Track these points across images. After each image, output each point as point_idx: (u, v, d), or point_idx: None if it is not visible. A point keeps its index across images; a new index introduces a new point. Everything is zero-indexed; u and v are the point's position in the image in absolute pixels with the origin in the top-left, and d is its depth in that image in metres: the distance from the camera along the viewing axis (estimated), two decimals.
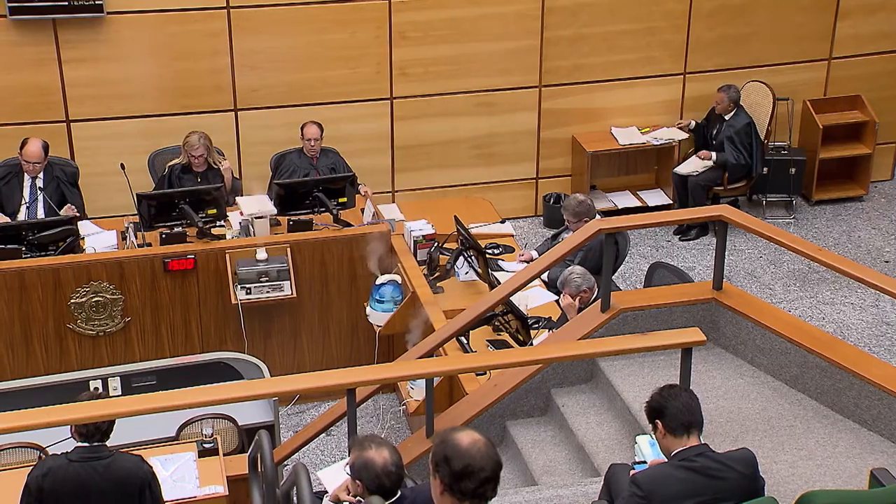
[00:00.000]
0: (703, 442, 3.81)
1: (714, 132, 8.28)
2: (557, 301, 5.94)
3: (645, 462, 4.19)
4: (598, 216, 6.39)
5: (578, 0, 8.05)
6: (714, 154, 8.20)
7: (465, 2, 7.86)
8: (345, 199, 6.73)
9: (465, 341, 5.68)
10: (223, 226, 6.62)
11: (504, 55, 8.06)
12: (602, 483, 4.19)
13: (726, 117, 8.21)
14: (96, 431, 4.20)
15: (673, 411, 3.77)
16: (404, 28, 7.84)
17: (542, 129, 8.37)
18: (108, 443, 4.28)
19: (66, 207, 6.74)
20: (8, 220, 6.63)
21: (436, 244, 6.59)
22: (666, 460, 3.85)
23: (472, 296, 6.18)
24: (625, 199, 8.51)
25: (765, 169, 8.37)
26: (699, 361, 5.02)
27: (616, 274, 6.60)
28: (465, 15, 7.89)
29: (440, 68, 7.99)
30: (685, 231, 8.28)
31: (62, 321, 6.21)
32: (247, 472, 4.59)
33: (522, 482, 4.99)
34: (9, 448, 4.95)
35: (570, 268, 5.78)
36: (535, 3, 7.98)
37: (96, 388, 5.72)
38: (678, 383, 4.38)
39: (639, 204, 8.47)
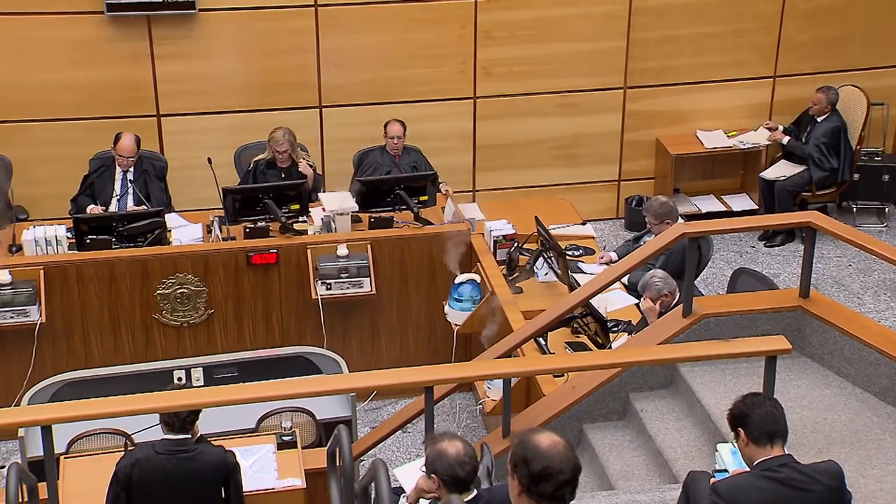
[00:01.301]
0: (787, 452, 3.73)
1: (805, 135, 8.10)
2: (637, 304, 5.88)
3: (726, 470, 4.12)
4: (680, 219, 6.31)
5: (666, 1, 7.95)
6: (781, 129, 8.04)
7: (552, 2, 7.81)
8: (426, 198, 6.75)
9: (544, 342, 5.65)
10: (305, 221, 6.68)
11: (589, 56, 8.00)
12: (680, 490, 4.12)
13: (818, 119, 8.03)
14: (179, 421, 4.27)
15: (756, 420, 3.69)
16: (489, 27, 7.83)
17: (626, 130, 8.29)
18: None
19: None
20: (101, 210, 6.79)
21: (515, 244, 6.57)
22: (748, 470, 3.77)
23: (551, 297, 6.15)
24: (709, 204, 8.38)
25: (856, 175, 8.16)
26: (783, 370, 4.91)
27: (698, 279, 6.49)
28: (550, 15, 7.85)
29: (524, 68, 7.96)
30: (771, 237, 8.11)
31: (148, 311, 6.33)
32: (324, 465, 4.64)
33: (598, 486, 4.94)
34: (96, 433, 5.07)
35: (651, 271, 5.71)
36: (623, 5, 7.90)
37: (179, 378, 5.84)
38: (761, 392, 4.29)
39: (723, 208, 8.33)
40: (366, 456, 5.19)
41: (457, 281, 6.35)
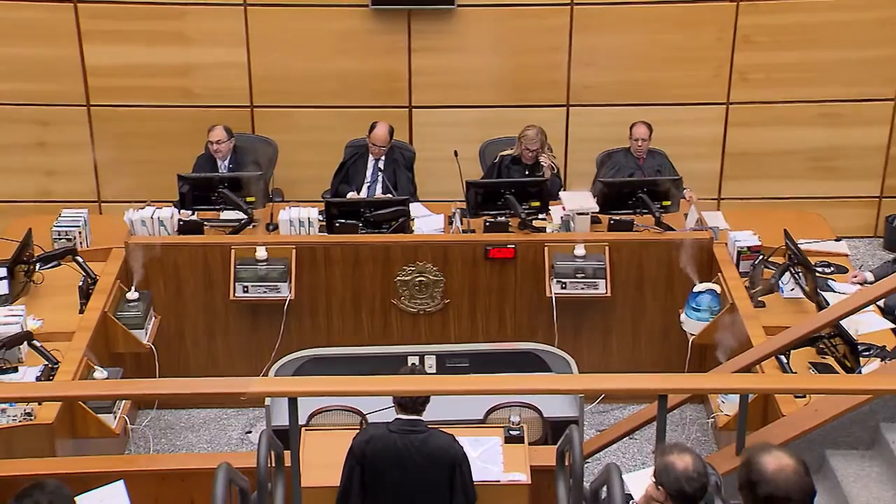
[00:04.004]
0: None
1: None
2: (894, 329, 5.50)
3: None
4: None
5: None
6: None
7: (822, 6, 7.45)
8: (668, 203, 6.61)
9: (785, 361, 5.39)
10: (545, 219, 6.69)
11: (857, 64, 7.56)
12: None
13: None
14: (413, 404, 4.38)
15: None
16: (750, 31, 7.55)
17: (894, 144, 7.77)
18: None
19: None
20: (356, 195, 7.09)
21: (761, 257, 6.31)
22: None
23: (796, 314, 5.87)
24: None
25: None
26: None
27: None
28: (819, 20, 7.49)
29: (784, 75, 7.63)
30: None
31: (388, 296, 6.51)
32: (549, 463, 4.63)
33: None
34: (334, 410, 5.29)
35: None
36: None
37: (413, 364, 5.99)
38: None
39: None
40: (591, 458, 5.14)
41: (695, 290, 6.18)
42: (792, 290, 6.10)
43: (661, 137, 7.32)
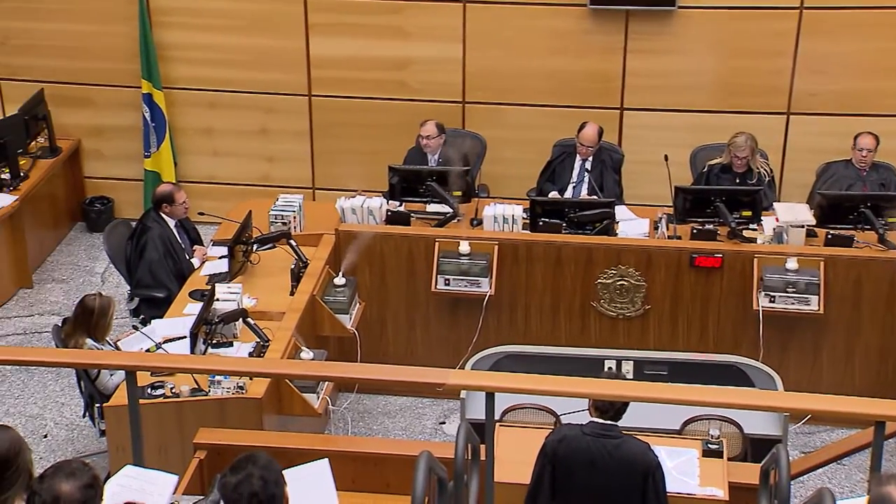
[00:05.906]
0: None
1: None
2: None
3: None
4: None
5: None
6: None
7: None
8: (894, 220, 6.26)
9: None
10: (755, 229, 6.47)
11: None
12: None
13: None
14: (611, 409, 4.33)
15: None
16: None
17: None
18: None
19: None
20: (557, 194, 7.07)
21: None
22: None
23: None
24: None
25: None
26: None
27: None
28: None
29: None
30: None
31: (587, 299, 6.46)
32: (748, 481, 4.50)
33: None
34: (528, 408, 5.30)
35: None
36: None
37: (610, 368, 5.92)
38: None
39: None
40: (794, 481, 4.92)
41: None
42: None
43: (888, 150, 6.93)
